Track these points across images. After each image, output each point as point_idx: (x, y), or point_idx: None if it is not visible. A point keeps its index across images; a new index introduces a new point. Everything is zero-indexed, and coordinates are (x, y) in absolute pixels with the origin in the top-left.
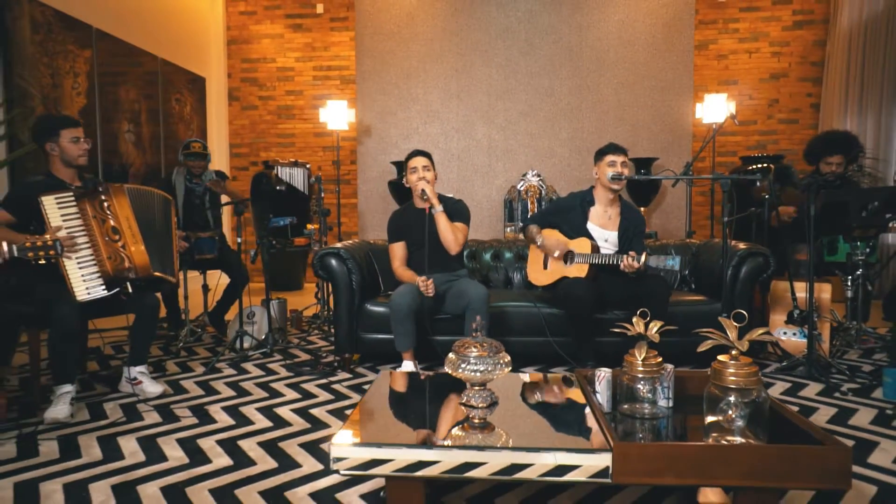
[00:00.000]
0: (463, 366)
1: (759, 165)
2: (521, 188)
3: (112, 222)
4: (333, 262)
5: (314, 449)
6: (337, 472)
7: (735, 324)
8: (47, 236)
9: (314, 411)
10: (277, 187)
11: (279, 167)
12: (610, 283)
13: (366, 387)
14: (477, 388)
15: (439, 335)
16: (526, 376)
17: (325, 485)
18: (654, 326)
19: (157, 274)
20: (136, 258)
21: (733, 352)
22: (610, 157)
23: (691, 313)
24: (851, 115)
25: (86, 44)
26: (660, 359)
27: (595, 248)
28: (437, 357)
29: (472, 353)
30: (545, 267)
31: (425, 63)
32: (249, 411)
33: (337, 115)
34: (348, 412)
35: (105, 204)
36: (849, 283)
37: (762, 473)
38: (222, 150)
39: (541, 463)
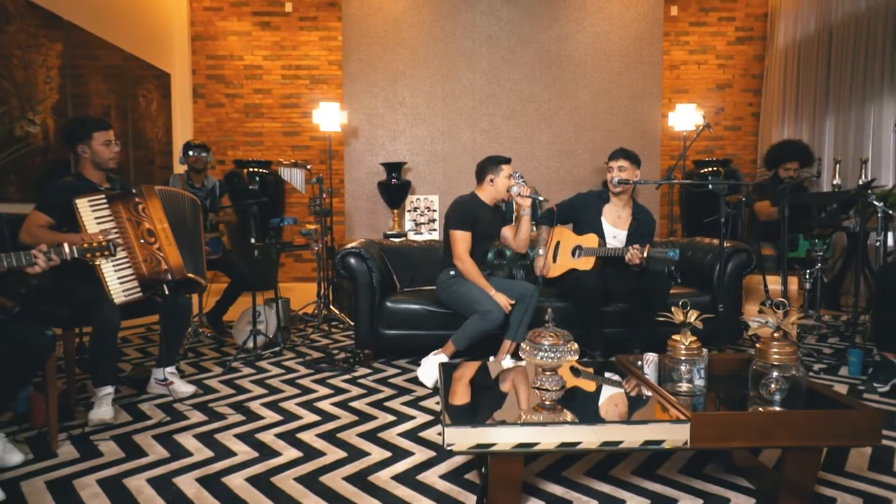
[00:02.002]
0: (537, 353)
1: (711, 169)
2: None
3: (147, 224)
4: (353, 261)
5: (374, 438)
6: (451, 453)
7: (775, 310)
8: (100, 237)
9: (354, 405)
10: (250, 186)
11: (282, 167)
12: (615, 278)
13: (392, 380)
14: (549, 373)
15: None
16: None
17: (403, 468)
18: (693, 315)
19: (190, 276)
20: (171, 260)
21: (776, 333)
22: (610, 163)
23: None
24: (788, 125)
25: (57, 36)
26: (699, 343)
27: (601, 244)
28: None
29: (547, 342)
30: (554, 260)
31: (412, 67)
32: (291, 406)
33: (329, 117)
34: (388, 403)
35: (140, 206)
36: (807, 277)
37: (810, 434)
38: None
39: (632, 436)
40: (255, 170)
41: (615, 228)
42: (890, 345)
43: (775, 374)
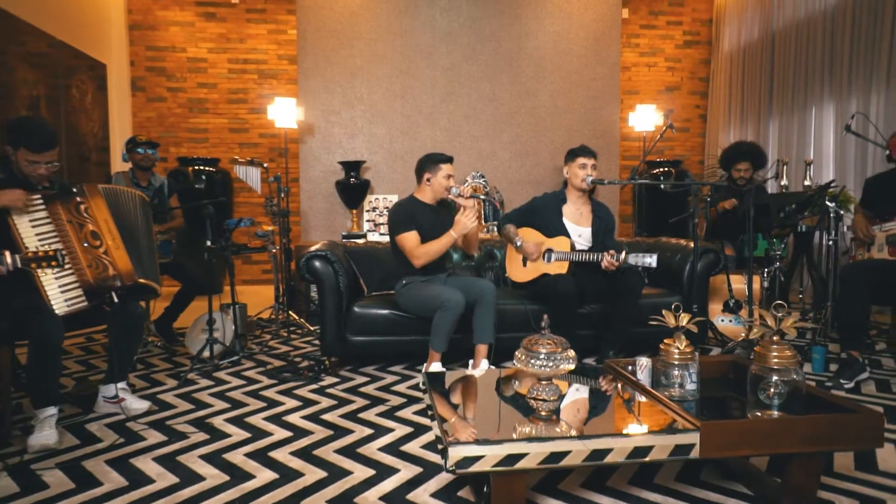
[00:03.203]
0: (533, 361)
1: (662, 169)
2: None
3: (91, 226)
4: (319, 264)
5: (354, 454)
6: (452, 472)
7: (775, 313)
8: (49, 246)
9: (327, 417)
10: (196, 185)
11: (237, 165)
12: (587, 279)
13: (362, 389)
14: (545, 382)
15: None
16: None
17: (391, 487)
18: (685, 319)
19: (141, 281)
20: (119, 264)
21: (775, 337)
22: (581, 160)
23: (655, 305)
24: (734, 127)
25: None
26: (691, 347)
27: (573, 247)
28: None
29: (543, 350)
30: (524, 264)
31: (369, 63)
32: (258, 422)
33: (285, 113)
34: (362, 415)
35: (82, 207)
36: (765, 275)
37: (817, 439)
38: None
39: (635, 445)
40: (202, 168)
41: (578, 227)
42: (853, 343)
43: (775, 377)
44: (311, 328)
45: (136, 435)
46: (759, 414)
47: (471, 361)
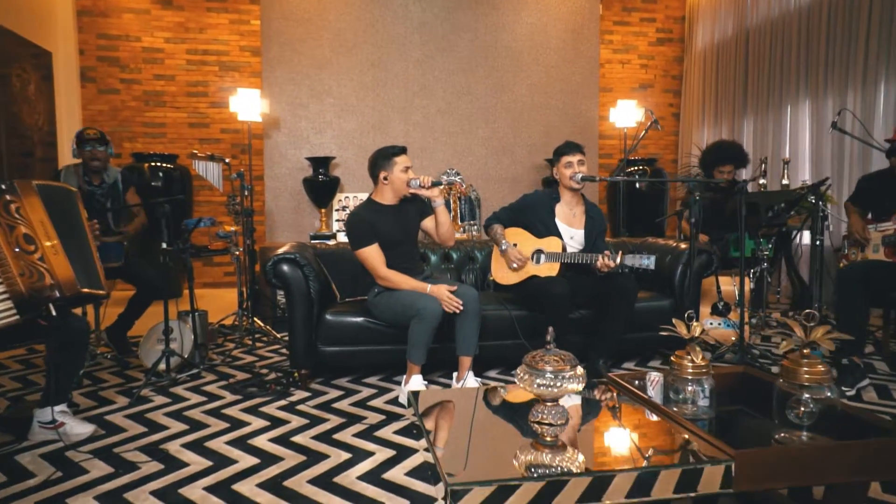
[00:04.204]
0: (538, 381)
1: (638, 167)
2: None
3: (24, 229)
4: (287, 268)
5: (331, 485)
6: None
7: (806, 323)
8: None
9: (298, 440)
10: (153, 183)
11: (196, 161)
12: (577, 282)
13: (336, 405)
14: (550, 404)
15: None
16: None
17: None
18: (698, 328)
19: (84, 290)
20: (58, 272)
21: (805, 350)
22: (565, 158)
23: (647, 310)
24: (708, 126)
25: None
26: (707, 360)
27: (564, 248)
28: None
29: (549, 368)
30: (509, 266)
31: (339, 54)
32: (220, 447)
33: (248, 106)
34: (338, 436)
35: (13, 206)
36: (752, 276)
37: (860, 469)
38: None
39: (663, 478)
40: (159, 164)
41: (571, 228)
42: (854, 348)
43: (805, 395)
44: (278, 335)
45: (76, 467)
46: (789, 436)
47: (454, 374)
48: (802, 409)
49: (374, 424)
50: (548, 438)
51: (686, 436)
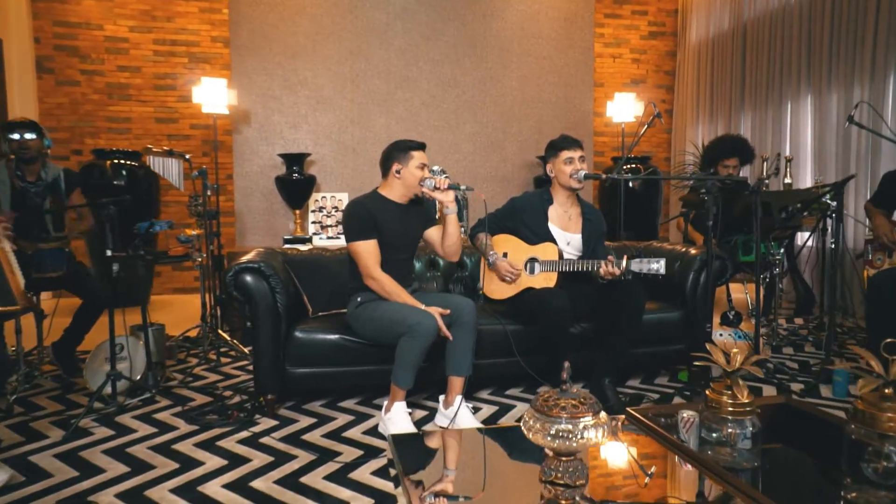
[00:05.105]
0: (553, 431)
1: (631, 166)
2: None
3: None
4: (251, 279)
5: None
6: None
7: (886, 356)
8: None
9: (259, 485)
10: (115, 181)
11: (152, 157)
12: (576, 292)
13: (306, 436)
14: (565, 459)
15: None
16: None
17: None
18: (740, 356)
19: None
20: None
21: (887, 390)
22: (566, 154)
23: (654, 322)
24: (703, 123)
25: None
26: (751, 396)
27: (561, 255)
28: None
29: (564, 416)
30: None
31: (314, 42)
32: (164, 496)
33: (214, 97)
34: (306, 479)
35: None
36: (762, 282)
37: None
38: None
39: None
40: (122, 162)
41: (567, 233)
42: None
43: (890, 447)
44: (246, 350)
45: None
46: (865, 496)
47: (441, 398)
48: (884, 464)
49: (349, 463)
50: (563, 503)
51: (741, 498)
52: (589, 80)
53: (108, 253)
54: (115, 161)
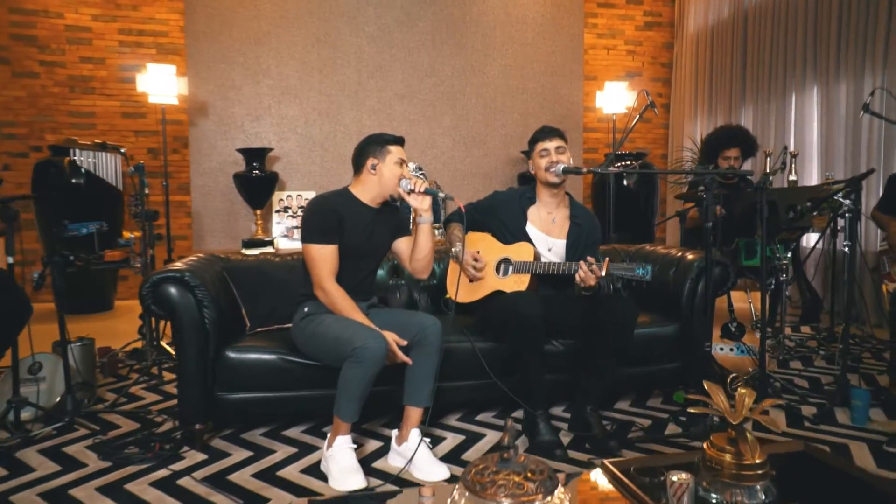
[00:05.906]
0: None
1: (625, 162)
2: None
3: None
4: (174, 291)
5: None
6: None
7: None
8: None
9: None
10: (73, 180)
11: (78, 151)
12: (557, 305)
13: (234, 477)
14: None
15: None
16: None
17: None
18: (749, 400)
19: None
20: None
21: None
22: (540, 146)
23: (645, 338)
24: (702, 117)
25: None
26: (764, 456)
27: (537, 257)
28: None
29: (504, 497)
30: (470, 279)
31: (278, 27)
32: None
33: (161, 85)
34: None
35: None
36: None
37: None
38: None
39: None
40: (83, 159)
41: (549, 238)
42: None
43: None
44: None
45: None
46: None
47: (394, 433)
48: None
49: None
50: None
51: None
52: (578, 68)
53: (10, 260)
54: (76, 157)
